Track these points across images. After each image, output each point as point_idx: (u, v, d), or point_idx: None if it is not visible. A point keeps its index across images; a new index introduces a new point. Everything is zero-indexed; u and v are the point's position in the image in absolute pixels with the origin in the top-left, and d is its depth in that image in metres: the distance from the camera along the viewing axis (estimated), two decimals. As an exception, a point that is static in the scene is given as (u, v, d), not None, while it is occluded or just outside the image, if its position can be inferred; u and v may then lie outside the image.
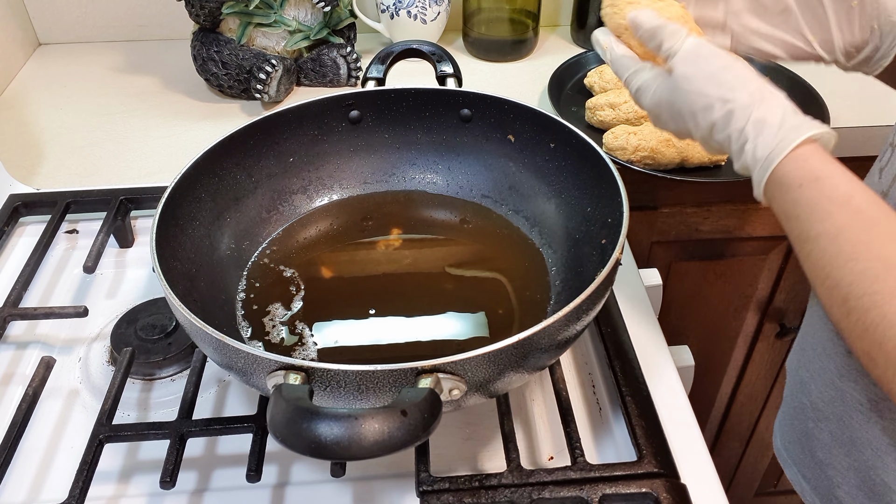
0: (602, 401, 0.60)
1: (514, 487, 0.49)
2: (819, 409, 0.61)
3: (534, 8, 1.05)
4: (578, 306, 0.46)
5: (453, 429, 0.57)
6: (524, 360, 0.46)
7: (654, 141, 0.77)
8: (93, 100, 0.99)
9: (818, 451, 0.62)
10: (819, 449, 0.62)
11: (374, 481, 0.54)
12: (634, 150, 0.77)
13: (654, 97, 0.51)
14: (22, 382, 0.60)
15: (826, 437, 0.61)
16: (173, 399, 0.59)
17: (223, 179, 0.64)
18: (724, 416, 1.24)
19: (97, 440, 0.52)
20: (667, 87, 0.50)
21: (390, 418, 0.38)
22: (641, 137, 0.77)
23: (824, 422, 0.61)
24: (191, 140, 0.90)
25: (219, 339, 0.45)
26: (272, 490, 0.54)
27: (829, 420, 0.60)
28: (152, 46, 1.12)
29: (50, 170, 0.86)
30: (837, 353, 0.58)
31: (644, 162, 0.78)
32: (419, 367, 0.43)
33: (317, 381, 0.43)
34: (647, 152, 0.77)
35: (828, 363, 0.59)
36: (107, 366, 0.62)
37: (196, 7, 0.91)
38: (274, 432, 0.39)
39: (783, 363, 1.15)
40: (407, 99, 0.70)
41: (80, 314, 0.62)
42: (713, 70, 0.47)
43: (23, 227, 0.77)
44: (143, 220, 0.77)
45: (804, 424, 0.64)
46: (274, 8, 0.92)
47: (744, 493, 1.38)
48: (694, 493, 0.50)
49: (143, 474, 0.55)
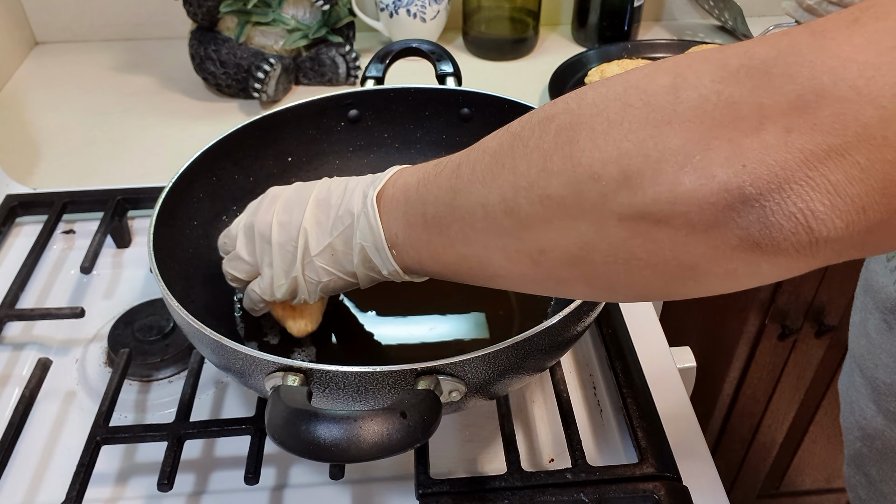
0: (603, 402, 0.60)
1: (514, 490, 0.48)
2: (863, 428, 0.60)
3: (534, 6, 1.05)
4: (579, 307, 0.46)
5: (453, 431, 0.57)
6: (524, 361, 0.46)
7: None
8: (90, 99, 0.98)
9: (871, 468, 0.61)
10: (871, 466, 0.61)
11: (374, 484, 0.54)
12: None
13: None
14: (18, 384, 0.60)
15: (874, 455, 0.60)
16: (171, 401, 0.59)
17: (221, 179, 0.64)
18: (726, 417, 1.24)
19: (94, 442, 0.51)
20: None
21: (389, 420, 0.37)
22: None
23: (870, 439, 0.60)
24: (188, 139, 0.90)
25: (216, 340, 0.44)
26: (270, 492, 0.53)
27: (873, 437, 0.59)
28: (150, 45, 1.11)
29: (47, 169, 0.85)
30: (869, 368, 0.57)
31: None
32: (419, 368, 0.42)
33: (315, 382, 0.43)
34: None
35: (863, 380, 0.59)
36: (104, 367, 0.62)
37: (194, 6, 0.90)
38: (272, 434, 0.38)
39: (785, 365, 1.15)
40: (406, 98, 0.70)
41: (76, 315, 0.62)
42: None
43: (19, 227, 0.77)
44: (140, 220, 0.77)
45: (854, 445, 0.63)
46: (272, 6, 0.92)
47: (746, 495, 1.37)
48: (695, 496, 0.50)
49: (141, 476, 0.54)
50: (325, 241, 0.46)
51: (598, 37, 1.08)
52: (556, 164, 0.31)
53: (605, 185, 0.29)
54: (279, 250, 0.48)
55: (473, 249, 0.37)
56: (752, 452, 1.29)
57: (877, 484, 0.61)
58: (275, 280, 0.49)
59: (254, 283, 0.52)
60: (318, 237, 0.46)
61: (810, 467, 1.33)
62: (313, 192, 0.48)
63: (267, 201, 0.50)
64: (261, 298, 0.52)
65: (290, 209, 0.48)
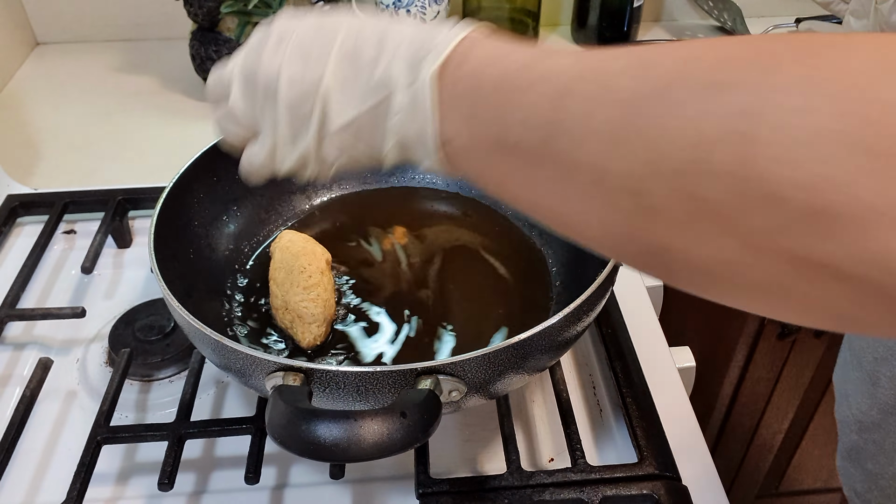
0: (603, 402, 0.60)
1: (514, 489, 0.49)
2: (860, 421, 0.60)
3: (534, 7, 1.05)
4: (579, 307, 0.46)
5: (453, 430, 0.57)
6: (524, 361, 0.46)
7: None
8: (91, 99, 0.99)
9: (868, 462, 0.61)
10: (868, 460, 0.61)
11: (374, 483, 0.54)
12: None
13: None
14: (19, 384, 0.60)
15: (872, 448, 0.60)
16: (171, 400, 0.59)
17: (221, 179, 0.64)
18: (726, 417, 1.24)
19: (95, 441, 0.52)
20: None
21: (390, 420, 0.38)
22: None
23: (867, 432, 0.59)
24: (189, 140, 0.90)
25: (217, 340, 0.45)
26: (271, 492, 0.53)
27: (870, 430, 0.59)
28: (150, 46, 1.11)
29: (48, 170, 0.85)
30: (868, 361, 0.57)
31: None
32: (419, 368, 0.42)
33: (316, 382, 0.43)
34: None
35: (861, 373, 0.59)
36: (104, 367, 0.62)
37: (194, 6, 0.90)
38: (272, 434, 0.38)
39: (784, 364, 1.15)
40: (406, 98, 0.70)
41: (77, 315, 0.62)
42: None
43: (20, 227, 0.77)
44: (141, 220, 0.77)
45: (849, 437, 0.63)
46: (273, 7, 0.92)
47: (745, 495, 1.38)
48: (695, 495, 0.50)
49: (141, 476, 0.54)
50: (350, 112, 0.35)
51: (598, 37, 1.08)
52: (723, 161, 0.22)
53: (786, 214, 0.22)
54: (287, 112, 0.37)
55: (563, 206, 0.29)
56: (752, 452, 1.29)
57: (875, 478, 0.61)
58: (278, 148, 0.39)
59: (252, 147, 0.41)
60: (341, 105, 0.35)
61: (810, 467, 1.33)
62: (338, 39, 0.36)
63: (273, 39, 0.38)
64: (261, 168, 0.41)
65: (306, 58, 0.36)
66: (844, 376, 0.63)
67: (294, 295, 0.55)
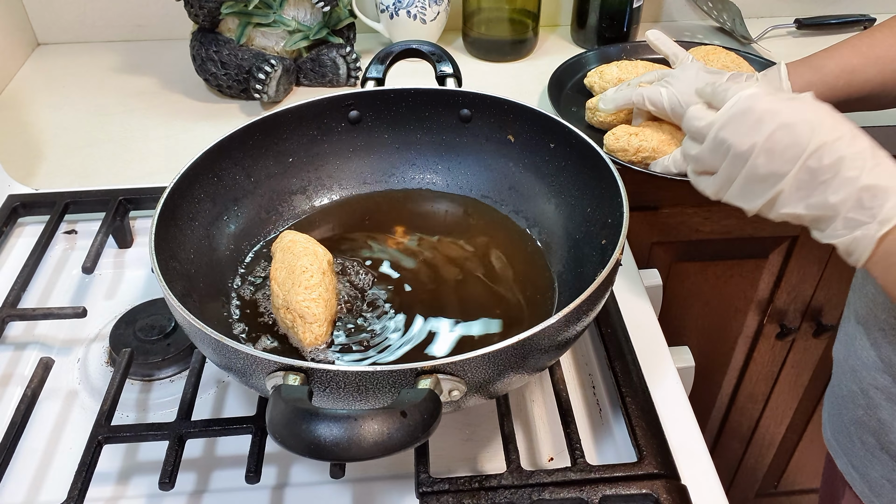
0: (602, 401, 0.60)
1: (513, 488, 0.49)
2: (870, 397, 0.61)
3: (534, 8, 1.05)
4: (578, 307, 0.46)
5: (453, 430, 0.57)
6: (524, 360, 0.46)
7: (656, 142, 0.77)
8: (92, 100, 0.99)
9: (870, 438, 0.62)
10: (871, 436, 0.62)
11: (374, 482, 0.54)
12: (636, 152, 0.77)
13: None
14: (20, 383, 0.60)
15: (875, 424, 0.61)
16: (172, 400, 0.59)
17: (222, 180, 0.64)
18: (725, 416, 1.24)
19: (96, 441, 0.52)
20: None
21: (390, 419, 0.38)
22: (643, 139, 0.77)
23: (874, 409, 0.60)
24: (190, 140, 0.90)
25: (218, 339, 0.45)
26: (271, 491, 0.53)
27: (880, 407, 0.60)
28: (151, 46, 1.12)
29: (49, 170, 0.85)
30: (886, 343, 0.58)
31: (645, 163, 0.78)
32: (419, 367, 0.42)
33: (316, 381, 0.43)
34: (648, 153, 0.77)
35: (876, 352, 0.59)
36: (105, 367, 0.62)
37: (195, 7, 0.90)
38: (273, 433, 0.38)
39: (783, 364, 1.15)
40: (406, 99, 0.70)
41: (78, 315, 0.62)
42: None
43: (21, 227, 0.77)
44: (142, 220, 0.77)
45: (853, 413, 0.64)
46: (273, 8, 0.92)
47: (744, 493, 1.38)
48: (694, 494, 0.50)
49: (142, 475, 0.55)
50: (797, 209, 0.47)
51: (598, 38, 1.08)
52: None
53: None
54: (744, 182, 0.49)
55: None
56: (751, 451, 1.30)
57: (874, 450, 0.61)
58: (723, 192, 0.52)
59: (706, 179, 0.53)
60: (792, 201, 0.48)
61: (808, 466, 1.33)
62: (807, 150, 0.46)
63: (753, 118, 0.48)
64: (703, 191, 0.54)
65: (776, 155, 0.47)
66: (853, 352, 0.63)
67: (296, 295, 0.55)
